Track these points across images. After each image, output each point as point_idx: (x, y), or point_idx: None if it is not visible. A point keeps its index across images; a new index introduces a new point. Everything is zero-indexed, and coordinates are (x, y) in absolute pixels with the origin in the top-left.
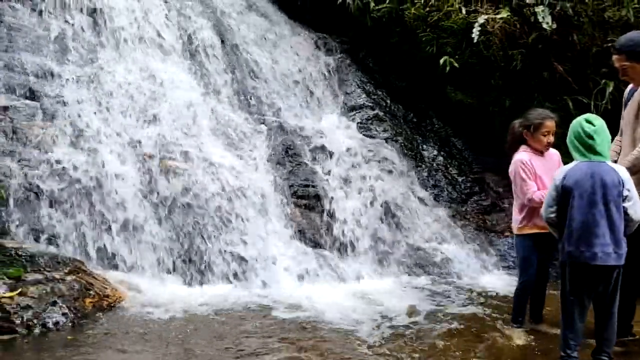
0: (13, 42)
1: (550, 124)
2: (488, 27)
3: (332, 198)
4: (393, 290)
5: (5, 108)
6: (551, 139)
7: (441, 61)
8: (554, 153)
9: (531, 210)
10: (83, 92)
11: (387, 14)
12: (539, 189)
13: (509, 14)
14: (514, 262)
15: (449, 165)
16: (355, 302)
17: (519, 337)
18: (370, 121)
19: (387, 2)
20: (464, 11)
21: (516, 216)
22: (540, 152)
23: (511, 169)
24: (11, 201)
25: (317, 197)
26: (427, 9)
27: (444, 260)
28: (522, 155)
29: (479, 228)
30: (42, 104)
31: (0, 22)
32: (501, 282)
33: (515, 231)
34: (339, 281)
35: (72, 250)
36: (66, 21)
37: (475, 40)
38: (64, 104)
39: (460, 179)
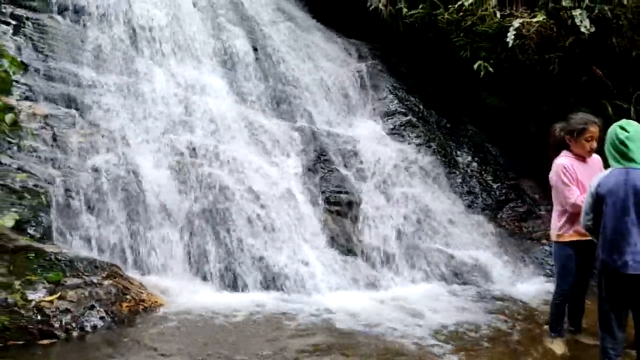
0: (53, 52)
1: (594, 130)
2: (523, 30)
3: (364, 204)
4: (428, 298)
5: (46, 116)
6: (594, 145)
7: (475, 66)
8: (596, 159)
9: (571, 216)
10: (120, 100)
11: (419, 19)
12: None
13: (544, 17)
14: (551, 270)
15: (483, 172)
16: (392, 311)
17: (557, 347)
18: (403, 127)
19: (420, 7)
20: (498, 15)
21: (556, 223)
22: (582, 158)
23: (552, 174)
24: (52, 207)
25: (350, 204)
26: (461, 13)
27: (478, 268)
28: (564, 160)
29: (514, 235)
30: (81, 112)
31: (41, 33)
32: (538, 290)
33: (553, 238)
34: (372, 289)
35: (109, 255)
36: (104, 32)
37: (510, 45)
38: (102, 111)
39: (495, 185)
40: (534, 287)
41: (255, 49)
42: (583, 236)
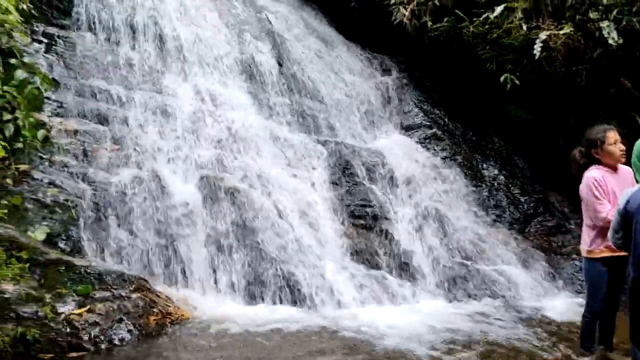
0: (84, 70)
1: (613, 134)
2: (550, 43)
3: (389, 218)
4: (454, 314)
5: (76, 132)
6: (622, 146)
7: (502, 78)
8: (627, 170)
9: (602, 231)
10: (148, 116)
11: (444, 32)
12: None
13: (572, 29)
14: (581, 285)
15: (510, 185)
16: (418, 327)
17: None
18: (428, 140)
19: (445, 21)
20: (524, 28)
21: (586, 238)
22: (613, 169)
23: (582, 187)
24: (81, 221)
25: (375, 217)
26: (487, 26)
27: (506, 283)
28: (595, 172)
29: (543, 250)
30: (110, 127)
31: (72, 51)
32: (568, 306)
33: (584, 254)
34: (398, 304)
35: (137, 268)
36: (133, 48)
37: (537, 57)
38: (131, 127)
39: (522, 199)
40: (564, 303)
41: (280, 64)
42: (614, 252)
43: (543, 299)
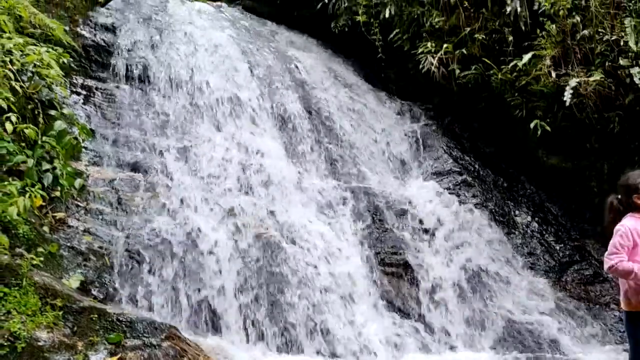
0: (121, 120)
1: None
2: (580, 89)
3: (421, 266)
4: None
5: (112, 180)
6: None
7: (532, 125)
8: None
9: (637, 285)
10: (182, 164)
11: (472, 80)
12: None
13: (602, 76)
14: (622, 336)
15: (544, 232)
16: None
17: None
18: (458, 186)
19: (473, 68)
20: (553, 75)
21: (621, 289)
22: None
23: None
24: (115, 268)
25: (405, 265)
26: (515, 73)
27: (542, 334)
28: (628, 221)
29: (580, 299)
30: (145, 176)
31: (109, 102)
32: (608, 358)
33: (622, 307)
34: (431, 354)
35: (167, 316)
36: (168, 99)
37: (567, 104)
38: (164, 175)
39: (557, 247)
40: (605, 356)
41: (309, 112)
42: None
43: (582, 351)
